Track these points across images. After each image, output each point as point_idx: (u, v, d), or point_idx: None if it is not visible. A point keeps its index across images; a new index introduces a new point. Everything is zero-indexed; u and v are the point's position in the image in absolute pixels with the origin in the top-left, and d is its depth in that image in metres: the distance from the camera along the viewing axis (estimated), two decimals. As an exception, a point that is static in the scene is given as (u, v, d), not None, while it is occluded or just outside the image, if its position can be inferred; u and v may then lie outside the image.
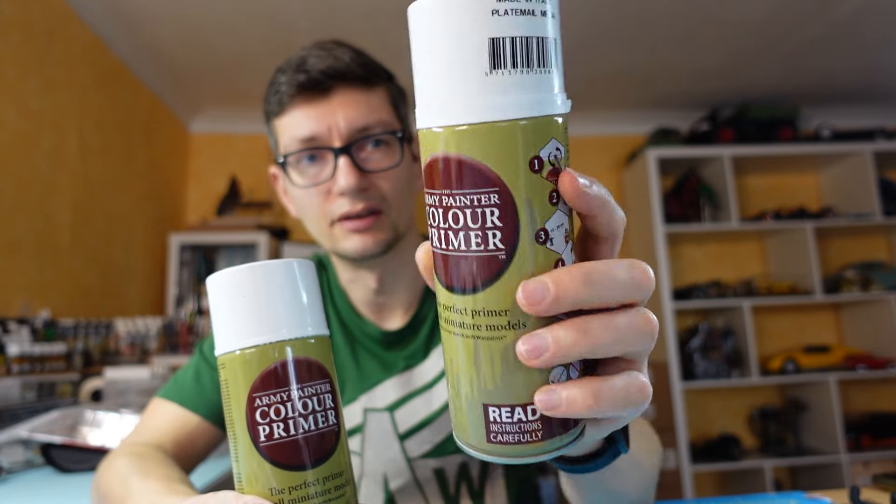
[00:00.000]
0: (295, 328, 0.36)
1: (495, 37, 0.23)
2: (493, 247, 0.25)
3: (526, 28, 0.23)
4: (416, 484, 0.78)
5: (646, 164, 3.05)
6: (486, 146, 0.24)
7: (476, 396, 0.27)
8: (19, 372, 1.47)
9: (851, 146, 3.11)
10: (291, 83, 0.69)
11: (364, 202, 0.70)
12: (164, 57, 2.60)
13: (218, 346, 0.37)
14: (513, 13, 0.23)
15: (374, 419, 0.78)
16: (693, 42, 2.64)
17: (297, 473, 0.35)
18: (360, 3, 2.25)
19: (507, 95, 0.24)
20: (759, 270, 3.34)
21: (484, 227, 0.25)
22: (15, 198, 1.77)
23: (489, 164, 0.24)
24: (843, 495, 0.67)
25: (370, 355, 0.80)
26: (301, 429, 0.35)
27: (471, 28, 0.23)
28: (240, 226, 2.92)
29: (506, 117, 0.24)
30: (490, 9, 0.23)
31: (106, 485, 0.60)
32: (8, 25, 1.74)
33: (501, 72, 0.23)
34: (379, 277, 0.76)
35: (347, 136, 0.69)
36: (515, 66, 0.23)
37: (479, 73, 0.23)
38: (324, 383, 0.37)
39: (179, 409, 0.74)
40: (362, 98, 0.71)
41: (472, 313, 0.26)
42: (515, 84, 0.23)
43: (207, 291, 0.38)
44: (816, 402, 2.96)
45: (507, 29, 0.23)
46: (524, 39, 0.23)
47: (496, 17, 0.23)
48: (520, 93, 0.24)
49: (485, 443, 0.28)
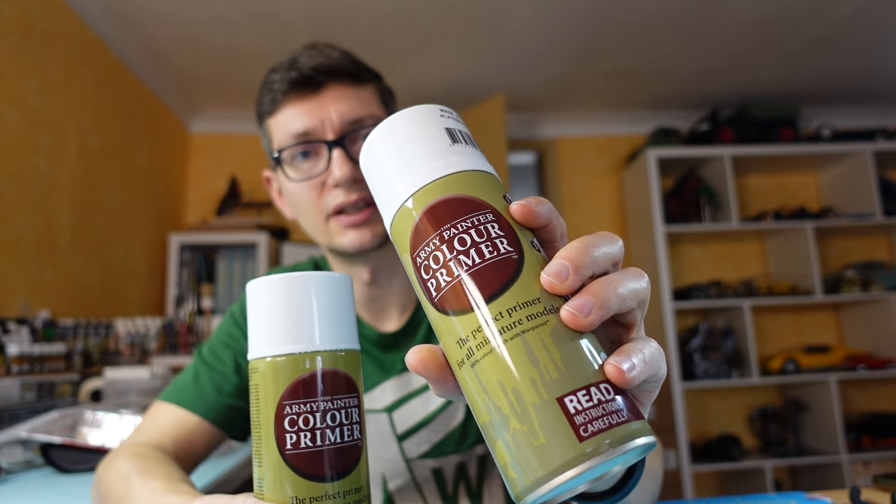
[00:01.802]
0: (328, 340, 0.36)
1: (448, 127, 0.33)
2: (504, 250, 0.29)
3: (456, 124, 0.34)
4: (414, 484, 0.78)
5: (646, 164, 3.05)
6: (473, 184, 0.31)
7: (547, 395, 0.25)
8: (19, 372, 1.47)
9: (852, 146, 3.11)
10: (283, 81, 0.71)
11: (358, 193, 0.71)
12: (164, 57, 2.60)
13: (252, 351, 0.37)
14: (447, 116, 0.34)
15: (373, 420, 0.78)
16: (693, 42, 2.64)
17: (318, 484, 0.35)
18: (360, 3, 2.25)
19: (469, 156, 0.33)
20: (759, 270, 3.34)
21: (490, 238, 0.29)
22: (15, 198, 1.77)
23: (478, 195, 0.31)
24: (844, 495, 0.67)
25: (368, 357, 0.80)
26: (327, 440, 0.35)
27: (432, 124, 0.34)
28: (240, 226, 2.92)
29: (480, 168, 0.32)
30: (438, 114, 0.34)
31: (106, 485, 0.60)
32: (8, 25, 1.74)
33: (458, 145, 0.33)
34: (372, 270, 0.77)
35: (340, 129, 0.71)
36: (465, 142, 0.33)
37: (445, 145, 0.32)
38: (352, 397, 0.37)
39: (179, 409, 0.74)
40: (353, 93, 0.72)
41: (508, 312, 0.27)
42: (468, 152, 0.33)
43: (247, 296, 0.38)
44: (817, 402, 2.96)
45: (450, 124, 0.34)
46: (459, 129, 0.34)
47: (443, 118, 0.34)
48: (473, 156, 0.33)
49: (577, 445, 0.24)
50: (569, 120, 3.46)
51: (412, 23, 2.40)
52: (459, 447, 0.78)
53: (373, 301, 0.79)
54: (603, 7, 2.34)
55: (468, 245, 0.29)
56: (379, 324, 0.81)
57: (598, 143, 3.49)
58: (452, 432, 0.78)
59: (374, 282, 0.78)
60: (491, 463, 0.81)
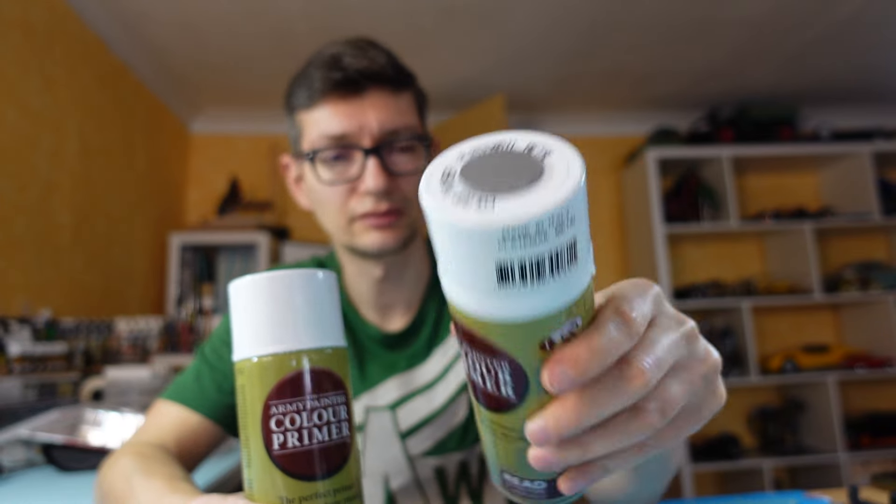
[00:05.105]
0: (313, 338, 0.36)
1: (501, 262, 0.24)
2: (504, 394, 0.28)
3: (528, 252, 0.24)
4: (416, 483, 0.79)
5: (645, 165, 3.05)
6: (499, 335, 0.26)
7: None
8: (20, 372, 1.48)
9: (851, 146, 3.11)
10: (326, 79, 0.70)
11: (388, 203, 0.71)
12: (164, 57, 2.60)
13: (236, 352, 0.37)
14: (515, 242, 0.23)
15: (376, 417, 0.78)
16: (693, 42, 2.64)
17: (308, 483, 0.34)
18: (359, 3, 2.25)
19: (512, 300, 0.25)
20: (758, 270, 3.35)
21: (497, 382, 0.28)
22: (15, 198, 1.77)
23: (502, 346, 0.27)
24: (843, 495, 0.67)
25: (372, 356, 0.81)
26: (315, 439, 0.35)
27: (482, 254, 0.24)
28: (240, 226, 2.92)
29: (517, 315, 0.26)
30: (496, 239, 0.23)
31: (109, 484, 0.60)
32: (8, 25, 1.75)
33: (509, 285, 0.24)
34: (386, 268, 0.77)
35: (378, 138, 0.70)
36: (523, 280, 0.24)
37: (490, 286, 0.25)
38: (339, 395, 0.36)
39: (181, 408, 0.74)
40: (393, 101, 0.72)
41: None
42: (520, 294, 0.25)
43: (230, 297, 0.37)
44: (815, 401, 2.96)
45: (511, 255, 0.24)
46: (526, 261, 0.24)
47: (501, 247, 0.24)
48: (524, 299, 0.25)
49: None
50: (568, 120, 3.47)
51: (412, 23, 2.40)
52: (462, 444, 0.78)
53: (380, 298, 0.80)
54: (603, 7, 2.34)
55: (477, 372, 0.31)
56: (384, 323, 0.81)
57: (598, 143, 3.49)
58: (455, 429, 0.78)
59: (385, 278, 0.78)
60: None
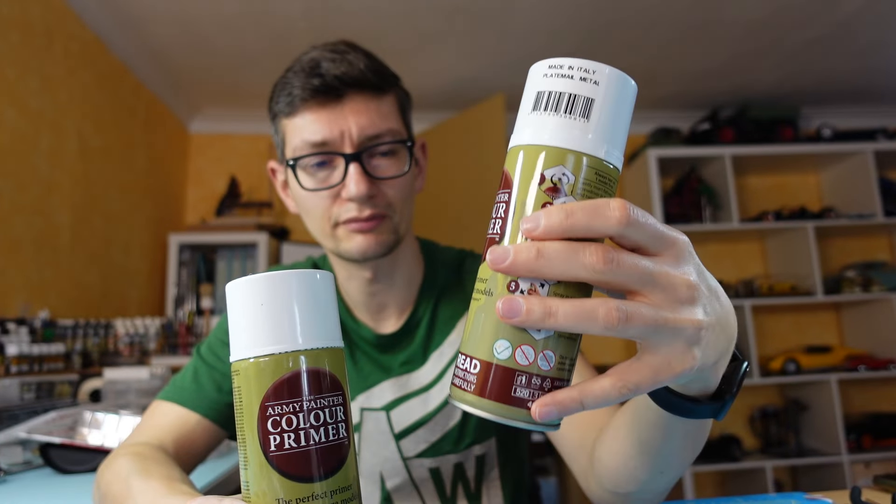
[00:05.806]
0: (310, 339, 0.36)
1: (540, 90, 0.33)
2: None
3: (563, 86, 0.33)
4: (412, 483, 0.78)
5: (646, 164, 3.04)
6: (511, 162, 0.33)
7: None
8: (18, 372, 1.47)
9: (852, 146, 3.10)
10: (305, 86, 0.69)
11: (371, 209, 0.71)
12: (164, 57, 2.60)
13: (233, 353, 0.37)
14: (554, 75, 0.33)
15: (371, 418, 0.78)
16: (694, 42, 2.63)
17: (305, 485, 0.34)
18: (360, 3, 2.25)
19: (535, 129, 0.33)
20: (759, 270, 3.34)
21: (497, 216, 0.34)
22: (15, 198, 1.77)
23: (510, 172, 0.33)
24: (844, 496, 0.66)
25: (367, 357, 0.80)
26: (312, 440, 0.35)
27: (529, 82, 0.34)
28: (239, 226, 2.92)
29: (531, 142, 0.33)
30: (542, 73, 0.34)
31: (107, 485, 0.60)
32: (8, 25, 1.74)
33: (539, 112, 0.33)
34: (374, 270, 0.77)
35: (359, 143, 0.70)
36: (550, 109, 0.32)
37: (526, 111, 0.33)
38: (336, 395, 0.36)
39: (179, 408, 0.74)
40: (374, 105, 0.71)
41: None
42: (546, 122, 0.32)
43: (227, 297, 0.37)
44: (817, 402, 2.95)
45: (549, 85, 0.33)
46: (559, 93, 0.32)
47: (544, 78, 0.34)
48: (546, 128, 0.32)
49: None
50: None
51: (412, 23, 2.40)
52: (457, 447, 0.78)
53: (372, 299, 0.80)
54: (603, 7, 2.34)
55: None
56: (377, 325, 0.81)
57: (599, 143, 3.49)
58: (449, 432, 0.78)
59: (375, 280, 0.78)
60: (489, 464, 0.81)
